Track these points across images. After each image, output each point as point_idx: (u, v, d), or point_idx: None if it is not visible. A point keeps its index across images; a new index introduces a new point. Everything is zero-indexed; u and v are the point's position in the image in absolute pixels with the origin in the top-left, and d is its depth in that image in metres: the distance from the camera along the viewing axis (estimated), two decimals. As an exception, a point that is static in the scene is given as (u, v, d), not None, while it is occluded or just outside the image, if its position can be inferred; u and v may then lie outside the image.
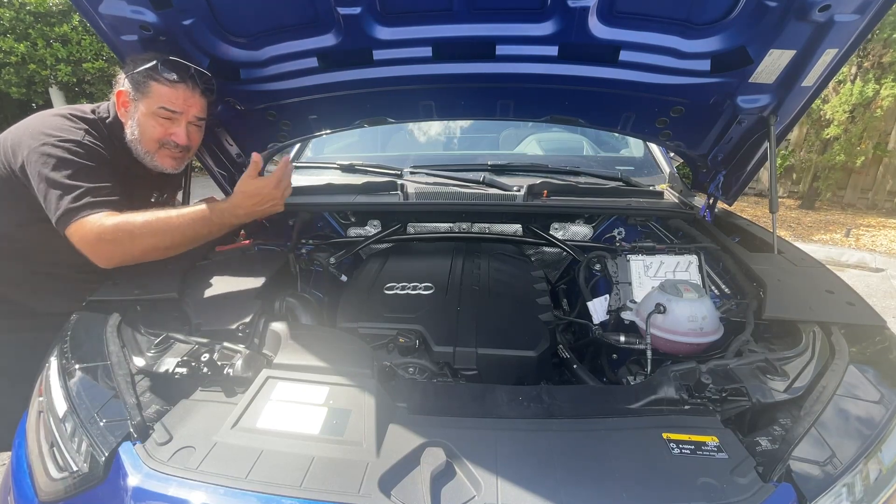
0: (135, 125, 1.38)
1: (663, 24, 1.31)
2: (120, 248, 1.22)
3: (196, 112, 1.41)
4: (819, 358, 1.05)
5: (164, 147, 1.41)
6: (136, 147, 1.41)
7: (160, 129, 1.38)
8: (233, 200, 1.35)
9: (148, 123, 1.37)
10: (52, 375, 1.05)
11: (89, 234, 1.21)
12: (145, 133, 1.38)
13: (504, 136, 2.74)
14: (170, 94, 1.34)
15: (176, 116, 1.38)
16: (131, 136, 1.39)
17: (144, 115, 1.36)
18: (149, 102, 1.35)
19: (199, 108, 1.42)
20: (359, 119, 1.74)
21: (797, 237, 6.20)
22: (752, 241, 1.72)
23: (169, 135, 1.39)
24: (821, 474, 0.81)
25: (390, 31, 1.35)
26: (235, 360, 1.05)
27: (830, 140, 7.04)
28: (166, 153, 1.43)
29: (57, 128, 1.29)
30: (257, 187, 1.34)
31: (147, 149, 1.41)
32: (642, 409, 0.98)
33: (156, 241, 1.25)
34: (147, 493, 0.78)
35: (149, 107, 1.35)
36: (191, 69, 1.35)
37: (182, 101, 1.37)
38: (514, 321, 1.40)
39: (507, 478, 0.79)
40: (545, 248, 2.08)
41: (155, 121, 1.37)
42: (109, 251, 1.23)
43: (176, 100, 1.35)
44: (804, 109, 1.52)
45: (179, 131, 1.40)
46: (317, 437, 0.86)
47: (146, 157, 1.42)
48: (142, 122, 1.37)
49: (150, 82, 1.33)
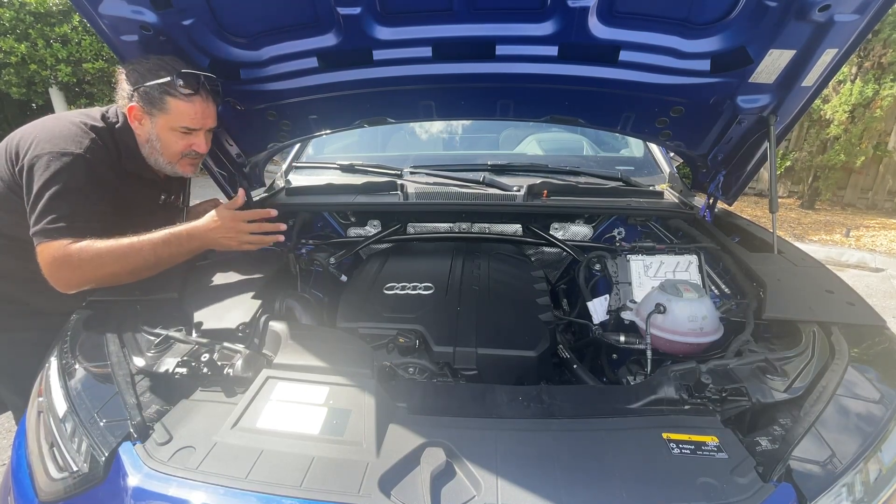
0: (155, 140, 1.41)
1: (663, 24, 1.31)
2: (78, 273, 1.23)
3: (211, 123, 1.46)
4: (819, 358, 1.05)
5: (185, 157, 1.46)
6: (156, 158, 1.44)
7: (183, 143, 1.42)
8: (200, 224, 1.36)
9: (169, 139, 1.41)
10: (52, 375, 1.05)
11: (47, 258, 1.23)
12: (168, 147, 1.42)
13: (504, 136, 2.74)
14: (187, 109, 1.36)
15: (196, 131, 1.42)
16: (150, 148, 1.42)
17: (164, 130, 1.39)
18: (168, 119, 1.37)
19: (213, 117, 1.46)
20: (359, 119, 1.74)
21: (797, 237, 6.20)
22: (752, 241, 1.72)
23: (190, 146, 1.43)
24: (821, 474, 0.81)
25: (390, 31, 1.35)
26: (235, 360, 1.05)
27: (830, 140, 7.04)
28: (187, 161, 1.48)
29: (63, 136, 1.30)
30: (230, 216, 1.37)
31: (169, 160, 1.45)
32: (642, 409, 0.98)
33: (118, 266, 1.26)
34: (147, 493, 0.78)
35: (168, 123, 1.38)
36: (201, 77, 1.36)
37: (200, 116, 1.40)
38: (514, 321, 1.40)
39: (507, 478, 0.79)
40: (545, 248, 2.08)
41: (176, 136, 1.40)
42: (67, 277, 1.24)
43: (195, 115, 1.38)
44: (804, 109, 1.52)
45: (199, 142, 1.44)
46: (317, 437, 0.86)
47: (167, 167, 1.47)
48: (163, 136, 1.40)
49: (166, 98, 1.34)
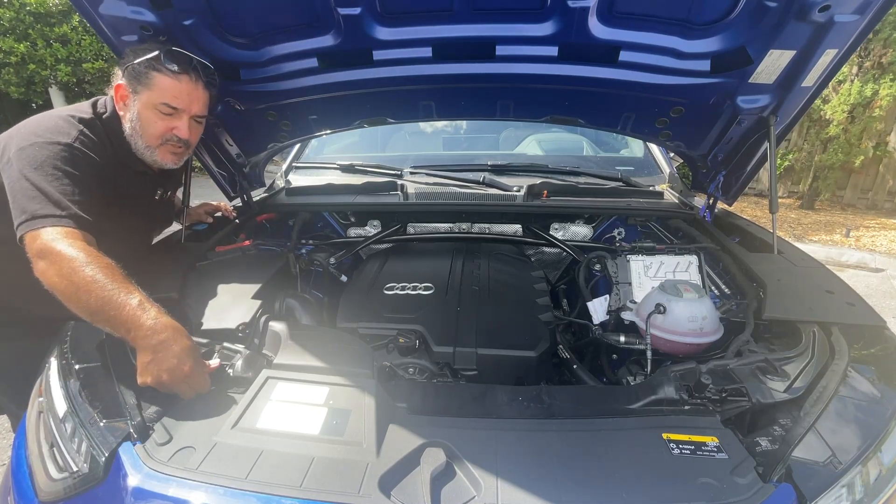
0: (135, 118, 1.32)
1: (663, 25, 1.31)
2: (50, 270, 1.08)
3: (198, 109, 1.38)
4: (819, 358, 1.05)
5: (166, 143, 1.37)
6: (135, 142, 1.35)
7: (162, 124, 1.33)
8: (157, 325, 1.02)
9: (150, 117, 1.32)
10: (52, 376, 1.05)
11: (32, 248, 1.11)
12: (147, 127, 1.33)
13: (504, 137, 2.75)
14: (173, 85, 1.29)
15: (179, 112, 1.34)
16: (131, 130, 1.34)
17: (145, 108, 1.31)
18: (150, 95, 1.29)
19: (201, 103, 1.37)
20: (359, 119, 1.74)
21: (797, 237, 6.20)
22: (752, 242, 1.72)
23: (171, 129, 1.34)
24: (821, 474, 0.81)
25: (390, 31, 1.35)
26: (235, 360, 1.05)
27: (830, 140, 7.05)
28: (168, 149, 1.38)
29: (50, 129, 1.24)
30: (193, 358, 1.01)
31: (148, 143, 1.35)
32: (642, 409, 0.98)
33: (70, 292, 1.06)
34: (147, 494, 0.78)
35: (150, 99, 1.30)
36: (193, 60, 1.31)
37: (186, 96, 1.32)
38: (514, 321, 1.40)
39: (507, 478, 0.79)
40: (545, 248, 2.08)
41: (156, 115, 1.32)
42: (41, 268, 1.09)
43: (179, 93, 1.30)
44: (804, 110, 1.52)
45: (182, 125, 1.35)
46: (317, 438, 0.86)
47: (146, 153, 1.37)
48: (143, 115, 1.32)
49: (151, 73, 1.28)
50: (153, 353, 0.99)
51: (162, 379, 0.97)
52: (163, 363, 0.98)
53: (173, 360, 0.98)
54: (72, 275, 1.05)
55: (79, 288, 1.04)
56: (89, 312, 1.05)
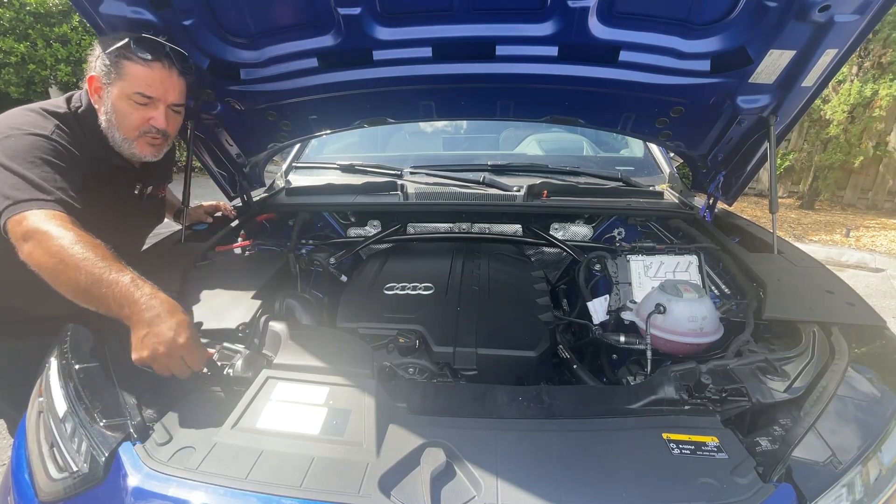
0: (110, 110, 1.29)
1: (663, 25, 1.31)
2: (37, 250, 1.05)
3: (174, 98, 1.33)
4: (819, 358, 1.05)
5: (144, 134, 1.34)
6: (112, 134, 1.32)
7: (137, 115, 1.29)
8: (152, 300, 1.00)
9: (125, 108, 1.28)
10: (52, 376, 1.05)
11: (17, 231, 1.06)
12: (123, 119, 1.29)
13: (504, 137, 2.75)
14: (145, 73, 1.25)
15: (154, 101, 1.31)
16: (107, 122, 1.30)
17: (119, 99, 1.27)
18: (123, 85, 1.26)
19: (177, 91, 1.33)
20: (359, 119, 1.74)
21: (797, 237, 6.20)
22: (751, 242, 1.72)
23: (147, 119, 1.31)
24: (821, 474, 0.81)
25: (390, 31, 1.35)
26: (235, 360, 1.05)
27: (830, 140, 7.05)
28: (146, 140, 1.34)
29: (26, 122, 1.22)
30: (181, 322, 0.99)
31: (126, 135, 1.32)
32: (642, 409, 0.98)
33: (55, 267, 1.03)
34: (147, 493, 0.78)
35: (124, 89, 1.26)
36: (166, 47, 1.28)
37: (160, 84, 1.28)
38: (513, 321, 1.40)
39: (507, 478, 0.79)
40: (545, 248, 2.08)
41: (131, 105, 1.28)
42: (28, 250, 1.06)
43: (153, 82, 1.27)
44: (804, 110, 1.52)
45: (158, 115, 1.31)
46: (317, 438, 0.86)
47: (123, 145, 1.34)
48: (118, 106, 1.28)
49: (123, 62, 1.24)
50: (148, 326, 0.96)
51: (158, 352, 0.94)
52: (159, 335, 0.95)
53: (169, 333, 0.95)
54: (60, 251, 1.02)
55: (68, 265, 1.01)
56: (79, 291, 1.01)
